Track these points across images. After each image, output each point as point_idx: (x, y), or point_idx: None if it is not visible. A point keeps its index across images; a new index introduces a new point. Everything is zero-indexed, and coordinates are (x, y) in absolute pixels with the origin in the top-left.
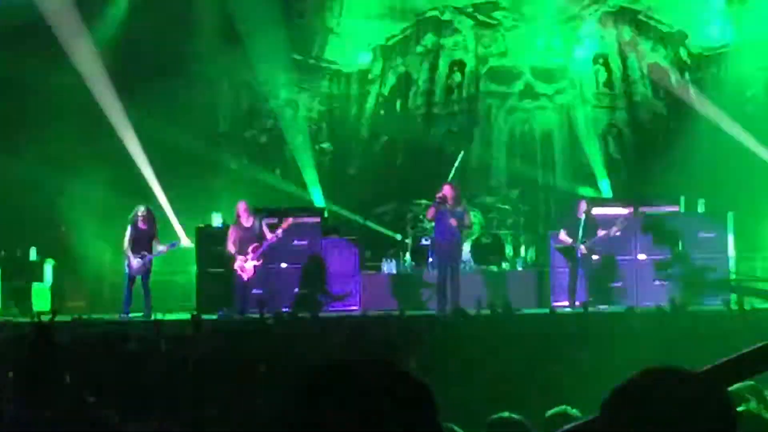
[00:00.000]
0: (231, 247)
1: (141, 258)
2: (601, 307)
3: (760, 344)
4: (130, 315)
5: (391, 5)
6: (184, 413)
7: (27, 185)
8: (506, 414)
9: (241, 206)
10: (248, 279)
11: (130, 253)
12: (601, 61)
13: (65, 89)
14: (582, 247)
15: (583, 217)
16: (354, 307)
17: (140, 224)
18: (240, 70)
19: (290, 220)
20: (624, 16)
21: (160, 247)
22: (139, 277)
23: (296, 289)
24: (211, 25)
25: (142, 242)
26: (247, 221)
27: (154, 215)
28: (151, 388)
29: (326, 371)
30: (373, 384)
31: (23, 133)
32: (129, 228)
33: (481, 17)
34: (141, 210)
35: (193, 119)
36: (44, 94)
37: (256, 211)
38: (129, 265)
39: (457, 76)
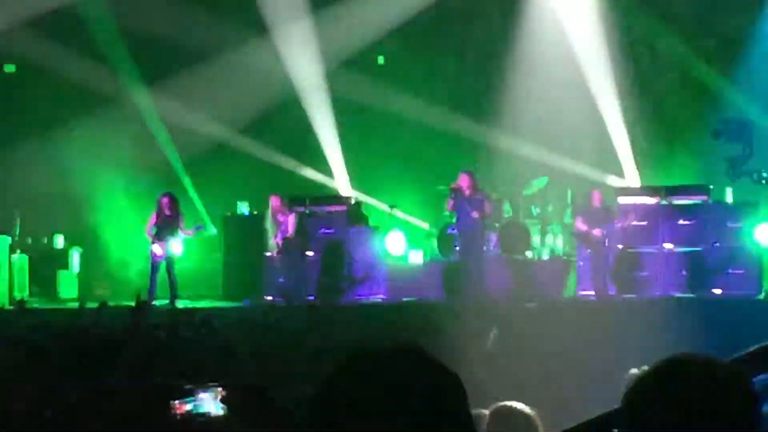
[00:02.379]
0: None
1: (165, 244)
2: (627, 296)
3: None
4: (156, 302)
5: None
6: None
7: (54, 174)
8: (511, 403)
9: (275, 201)
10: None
11: (154, 240)
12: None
13: (93, 79)
14: (594, 233)
15: (599, 205)
16: (380, 296)
17: (165, 210)
18: (267, 60)
19: (293, 215)
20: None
21: (185, 232)
22: (164, 264)
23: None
24: (238, 15)
25: (166, 228)
26: (282, 216)
27: (178, 201)
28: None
29: (355, 358)
30: (402, 371)
31: (52, 123)
32: (153, 214)
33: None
34: (165, 196)
35: (220, 108)
36: (74, 85)
37: (293, 204)
38: (153, 252)
39: (486, 65)
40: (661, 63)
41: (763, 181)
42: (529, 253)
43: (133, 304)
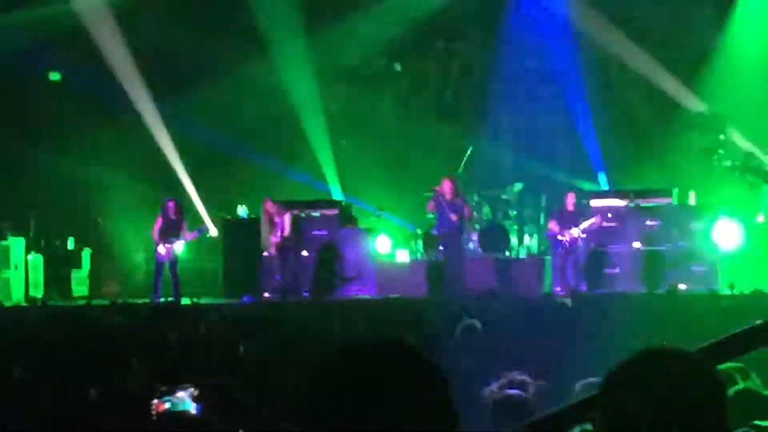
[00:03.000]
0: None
1: (170, 245)
2: (598, 291)
3: (747, 326)
4: (160, 300)
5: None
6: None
7: (65, 180)
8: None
9: (269, 204)
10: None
11: (160, 241)
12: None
13: (104, 91)
14: (567, 234)
15: (572, 208)
16: (369, 292)
17: (170, 214)
18: (265, 74)
19: (288, 215)
20: None
21: (188, 235)
22: (168, 265)
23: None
24: (238, 34)
25: (171, 231)
26: (277, 217)
27: (182, 206)
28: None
29: (343, 352)
30: (387, 363)
31: (64, 133)
32: (159, 218)
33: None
34: (170, 201)
35: (220, 119)
36: (85, 97)
37: (287, 206)
38: (158, 253)
39: (467, 77)
40: (631, 76)
41: (736, 171)
42: (507, 253)
43: (141, 302)
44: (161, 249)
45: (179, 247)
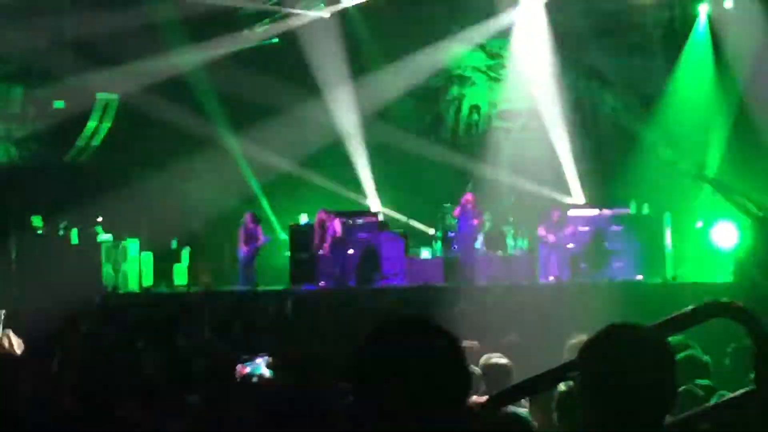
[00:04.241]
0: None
1: (249, 246)
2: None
3: (688, 308)
4: (243, 287)
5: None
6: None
7: (170, 195)
8: (495, 359)
9: (321, 213)
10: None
11: (242, 245)
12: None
13: (198, 127)
14: (551, 238)
15: (555, 219)
16: (400, 282)
17: (248, 223)
18: (319, 112)
19: (337, 221)
20: None
21: (262, 239)
22: (248, 260)
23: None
24: (299, 80)
25: (250, 235)
26: (328, 222)
27: (258, 217)
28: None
29: (382, 327)
30: (415, 336)
31: (169, 159)
32: (242, 227)
33: (491, 74)
34: (248, 214)
35: (286, 147)
36: (183, 131)
37: (337, 214)
38: (242, 252)
39: (475, 116)
40: (600, 114)
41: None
42: (505, 251)
43: (228, 289)
44: (243, 249)
45: (255, 250)
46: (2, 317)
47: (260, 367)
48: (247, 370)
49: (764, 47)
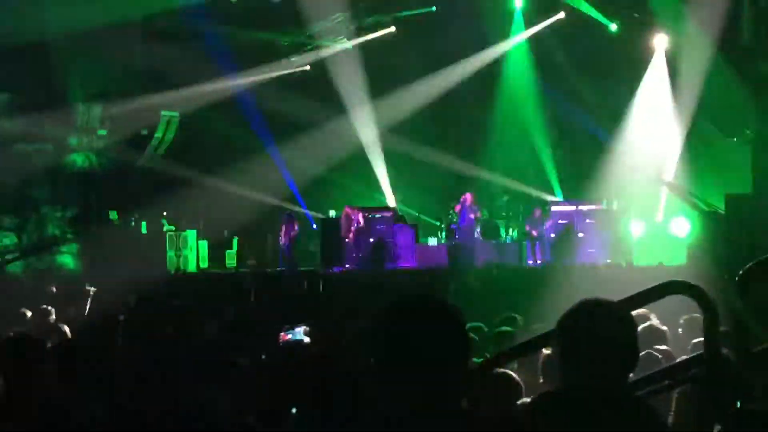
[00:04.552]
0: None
1: (288, 237)
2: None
3: (647, 288)
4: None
5: None
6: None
7: (221, 194)
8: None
9: (347, 208)
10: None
11: (283, 235)
12: None
13: (244, 138)
14: (535, 231)
15: (538, 216)
16: (412, 265)
17: (287, 218)
18: (345, 127)
19: (361, 215)
20: None
21: (296, 230)
22: (287, 247)
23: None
24: (326, 100)
25: (288, 228)
26: (353, 215)
27: (292, 214)
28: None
29: (396, 303)
30: (424, 311)
31: (223, 166)
32: (283, 221)
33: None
34: (286, 213)
35: (317, 157)
36: (233, 144)
37: (360, 209)
38: (282, 241)
39: (475, 131)
40: (576, 128)
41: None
42: (499, 240)
43: (270, 270)
44: (283, 239)
45: (296, 233)
46: (92, 293)
47: (299, 334)
48: (289, 336)
49: (708, 72)
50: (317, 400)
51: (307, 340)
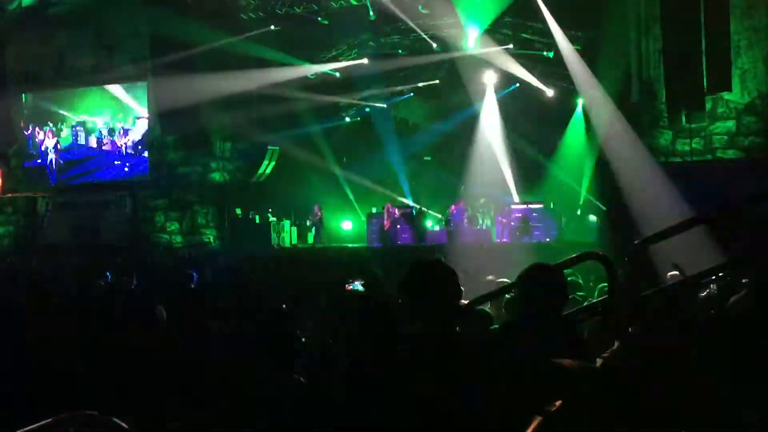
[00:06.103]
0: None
1: (317, 225)
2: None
3: (574, 255)
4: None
5: None
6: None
7: (305, 197)
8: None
9: (389, 205)
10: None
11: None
12: None
13: (320, 163)
14: (503, 221)
15: (504, 211)
16: (421, 242)
17: (316, 211)
18: (382, 156)
19: (397, 209)
20: None
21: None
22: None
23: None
24: (372, 138)
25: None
26: (391, 209)
27: (320, 212)
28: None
29: (416, 264)
30: (431, 269)
31: (306, 179)
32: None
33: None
34: (316, 207)
35: (367, 174)
36: (312, 166)
37: (394, 206)
38: (315, 228)
39: (460, 149)
40: (526, 154)
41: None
42: (477, 226)
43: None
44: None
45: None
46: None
47: (357, 285)
48: (351, 286)
49: (610, 122)
50: (365, 323)
51: (361, 288)
